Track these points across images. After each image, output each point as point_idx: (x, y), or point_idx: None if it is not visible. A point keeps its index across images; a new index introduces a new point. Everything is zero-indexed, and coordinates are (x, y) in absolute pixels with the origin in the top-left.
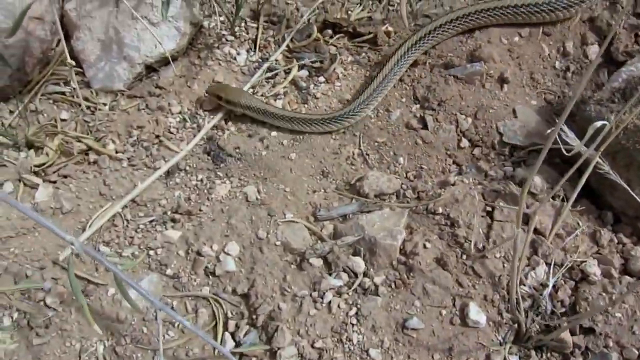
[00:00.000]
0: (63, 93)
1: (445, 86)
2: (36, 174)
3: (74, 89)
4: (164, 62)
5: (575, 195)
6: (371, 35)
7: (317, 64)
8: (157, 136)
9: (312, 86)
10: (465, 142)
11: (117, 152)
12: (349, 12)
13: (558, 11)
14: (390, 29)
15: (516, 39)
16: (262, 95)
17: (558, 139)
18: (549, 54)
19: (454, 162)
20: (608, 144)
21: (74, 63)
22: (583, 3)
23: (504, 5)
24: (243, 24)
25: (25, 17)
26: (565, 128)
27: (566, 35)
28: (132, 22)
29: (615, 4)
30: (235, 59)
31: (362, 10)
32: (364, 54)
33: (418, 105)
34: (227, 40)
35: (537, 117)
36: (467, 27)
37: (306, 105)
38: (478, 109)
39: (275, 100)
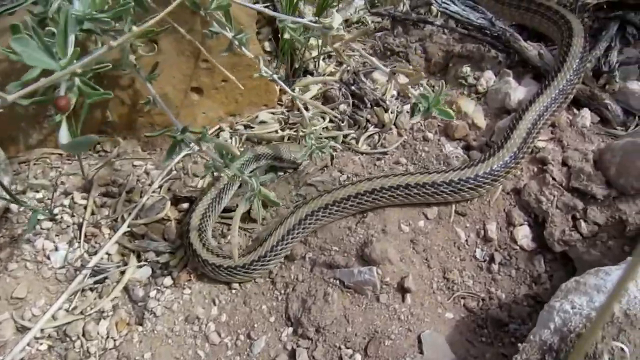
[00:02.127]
0: None
1: (325, 304)
2: None
3: None
4: None
5: None
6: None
7: (166, 257)
8: None
9: (152, 293)
10: None
11: None
12: None
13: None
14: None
15: (421, 223)
16: (81, 313)
17: None
18: (466, 241)
19: None
20: None
21: None
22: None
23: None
24: (69, 200)
25: None
26: None
27: (487, 213)
28: None
29: (542, 173)
30: (49, 257)
31: None
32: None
33: (291, 329)
34: (42, 228)
35: (450, 353)
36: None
37: (141, 328)
38: (370, 338)
39: (98, 323)
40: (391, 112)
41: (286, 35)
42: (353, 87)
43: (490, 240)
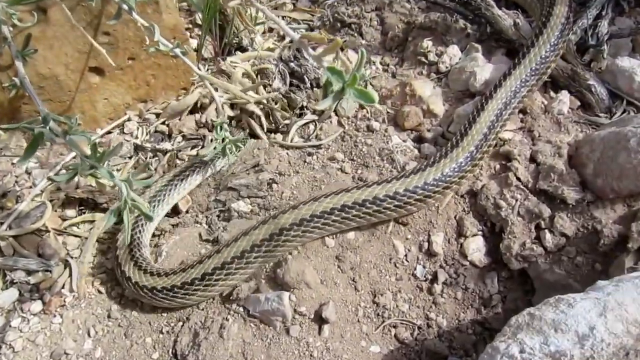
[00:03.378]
0: None
1: (219, 340)
2: None
3: None
4: None
5: None
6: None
7: (39, 276)
8: None
9: (15, 322)
10: None
11: None
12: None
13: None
14: None
15: (351, 235)
16: None
17: None
18: (405, 256)
19: None
20: None
21: None
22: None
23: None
24: None
25: None
26: None
27: (433, 222)
28: None
29: (505, 172)
30: None
31: None
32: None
33: None
34: None
35: None
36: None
37: None
38: None
39: None
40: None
41: None
42: (292, 64)
43: (434, 254)
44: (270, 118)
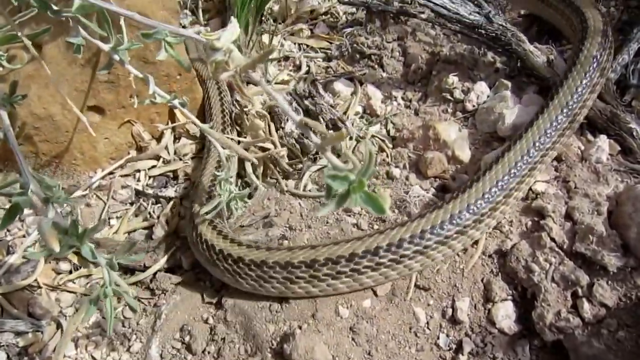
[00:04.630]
0: None
1: None
2: None
3: None
4: None
5: None
6: None
7: (28, 338)
8: None
9: None
10: None
11: None
12: None
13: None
14: None
15: (366, 303)
16: None
17: None
18: (427, 324)
19: None
20: None
21: None
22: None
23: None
24: None
25: None
26: None
27: (458, 286)
28: None
29: (538, 230)
30: None
31: None
32: None
33: None
34: None
35: None
36: None
37: None
38: None
39: None
40: (351, 139)
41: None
42: (307, 102)
43: (459, 322)
44: (277, 168)
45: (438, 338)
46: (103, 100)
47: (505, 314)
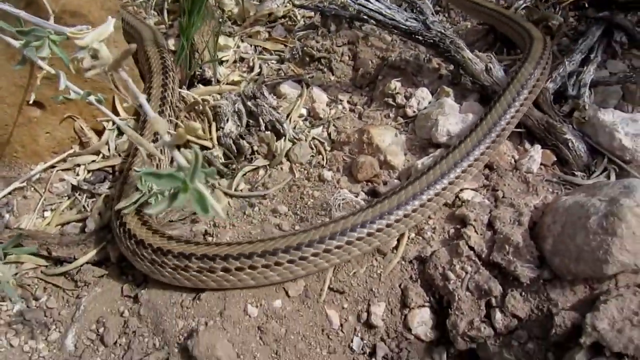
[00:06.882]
0: None
1: None
2: None
3: None
4: None
5: None
6: None
7: None
8: None
9: None
10: None
11: None
12: None
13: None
14: None
15: (277, 303)
16: None
17: None
18: (340, 326)
19: None
20: None
21: None
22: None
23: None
24: None
25: None
26: None
27: (375, 290)
28: None
29: (458, 238)
30: None
31: None
32: None
33: None
34: None
35: None
36: None
37: None
38: None
39: None
40: (287, 140)
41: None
42: (250, 103)
43: (374, 326)
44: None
45: (352, 341)
46: (42, 95)
47: (422, 321)
